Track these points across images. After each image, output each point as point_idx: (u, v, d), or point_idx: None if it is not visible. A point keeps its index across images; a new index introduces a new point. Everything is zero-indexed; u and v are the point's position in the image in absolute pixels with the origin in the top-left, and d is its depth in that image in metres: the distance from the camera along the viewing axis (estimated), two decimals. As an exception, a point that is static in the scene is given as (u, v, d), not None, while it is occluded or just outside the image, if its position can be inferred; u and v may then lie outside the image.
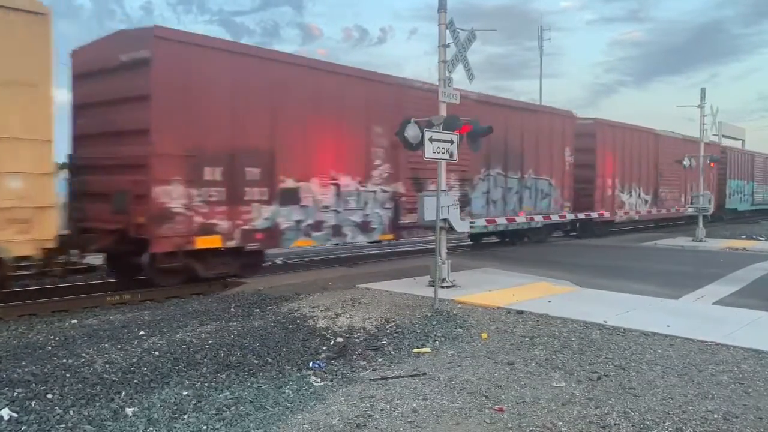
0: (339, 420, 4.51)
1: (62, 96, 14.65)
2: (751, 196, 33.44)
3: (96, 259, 10.73)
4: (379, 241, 13.87)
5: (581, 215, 19.58)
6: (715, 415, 4.60)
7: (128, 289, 9.87)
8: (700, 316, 8.17)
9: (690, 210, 22.23)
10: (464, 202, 14.54)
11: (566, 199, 18.68)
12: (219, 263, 10.36)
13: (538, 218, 16.98)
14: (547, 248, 17.79)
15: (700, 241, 19.49)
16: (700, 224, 20.08)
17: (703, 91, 20.15)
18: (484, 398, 4.98)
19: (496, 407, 4.76)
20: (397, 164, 13.15)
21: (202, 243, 9.80)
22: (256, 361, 5.98)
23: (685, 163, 21.67)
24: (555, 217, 17.93)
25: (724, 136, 37.74)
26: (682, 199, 25.87)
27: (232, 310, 8.34)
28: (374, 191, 12.72)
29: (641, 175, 22.93)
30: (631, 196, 22.32)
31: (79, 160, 10.55)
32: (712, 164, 23.25)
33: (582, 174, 19.84)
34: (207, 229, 9.86)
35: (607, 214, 20.85)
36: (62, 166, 10.26)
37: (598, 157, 20.36)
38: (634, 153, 22.36)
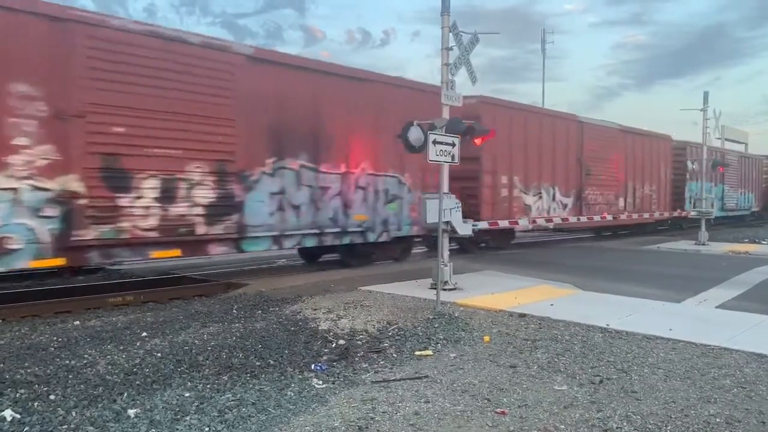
0: (341, 422, 4.51)
1: None
2: (720, 200, 28.71)
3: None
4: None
5: (484, 224, 15.25)
6: (718, 419, 4.60)
7: (130, 290, 9.89)
8: (702, 319, 8.15)
9: (693, 213, 21.97)
10: (226, 208, 10.13)
11: None
12: None
13: (394, 228, 13.01)
14: (549, 251, 17.78)
15: (703, 244, 19.45)
16: (703, 228, 20.04)
17: (705, 94, 20.18)
18: (486, 401, 4.97)
19: (498, 410, 4.76)
20: (67, 146, 8.44)
21: None
22: (258, 363, 5.99)
23: (689, 165, 21.65)
24: (408, 228, 13.42)
25: (727, 139, 37.74)
26: (621, 203, 21.42)
27: (235, 311, 8.35)
28: (14, 189, 8.05)
29: (556, 173, 18.04)
30: (540, 198, 17.53)
31: None
32: (721, 168, 23.00)
33: (462, 169, 14.84)
34: None
35: (504, 221, 16.33)
36: None
37: (484, 147, 15.05)
38: (545, 144, 17.49)
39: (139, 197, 9.18)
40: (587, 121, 19.61)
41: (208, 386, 5.29)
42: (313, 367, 5.91)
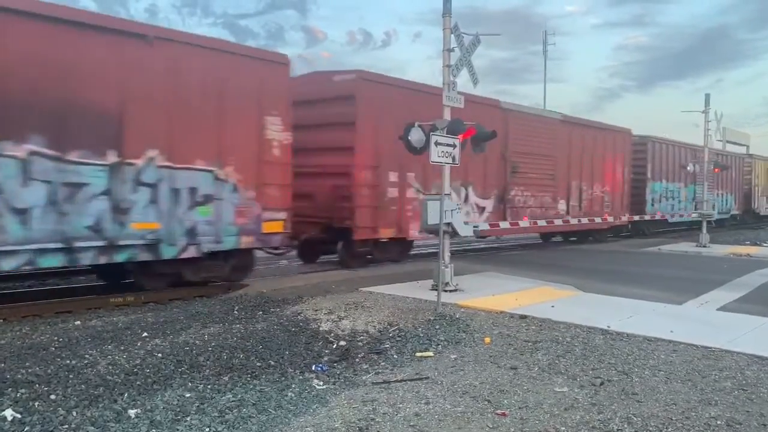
0: (341, 423, 4.51)
1: None
2: (692, 203, 25.47)
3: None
4: None
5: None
6: (719, 422, 4.59)
7: (132, 290, 9.89)
8: (703, 321, 8.15)
9: (694, 215, 21.80)
10: None
11: (273, 206, 10.53)
12: None
13: (209, 240, 9.60)
14: (551, 252, 17.76)
15: (704, 246, 19.43)
16: (704, 230, 20.02)
17: (707, 96, 20.12)
18: (486, 402, 4.97)
19: (499, 412, 4.76)
20: None
21: None
22: (258, 364, 5.99)
23: (689, 168, 21.55)
24: (233, 239, 9.97)
25: (728, 141, 37.59)
26: (562, 206, 18.21)
27: (235, 312, 8.35)
28: None
29: (470, 170, 14.62)
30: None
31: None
32: (716, 170, 22.66)
33: (330, 164, 12.63)
34: None
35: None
36: None
37: (359, 134, 12.30)
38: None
39: None
40: (513, 109, 16.29)
41: (209, 387, 5.30)
42: (313, 368, 5.91)
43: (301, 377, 5.64)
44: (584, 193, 19.08)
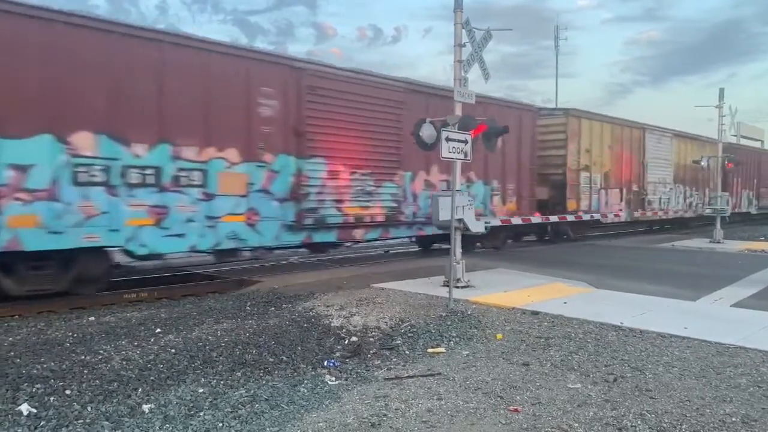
0: (354, 419, 4.52)
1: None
2: (394, 200, 13.07)
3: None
4: None
5: None
6: (734, 419, 4.55)
7: (144, 287, 9.96)
8: (717, 318, 8.08)
9: (707, 211, 21.49)
10: None
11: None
12: None
13: None
14: (563, 248, 17.67)
15: (718, 242, 19.25)
16: (718, 225, 19.82)
17: (721, 91, 19.89)
18: (499, 399, 4.96)
19: (511, 408, 4.75)
20: None
21: None
22: (271, 360, 6.01)
23: (703, 163, 21.25)
24: None
25: (742, 136, 37.07)
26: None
27: (248, 308, 8.38)
28: None
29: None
30: None
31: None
32: (729, 165, 22.02)
33: None
34: None
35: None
36: None
37: None
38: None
39: None
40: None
41: (222, 382, 5.32)
42: (325, 363, 5.92)
43: (313, 373, 5.65)
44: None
